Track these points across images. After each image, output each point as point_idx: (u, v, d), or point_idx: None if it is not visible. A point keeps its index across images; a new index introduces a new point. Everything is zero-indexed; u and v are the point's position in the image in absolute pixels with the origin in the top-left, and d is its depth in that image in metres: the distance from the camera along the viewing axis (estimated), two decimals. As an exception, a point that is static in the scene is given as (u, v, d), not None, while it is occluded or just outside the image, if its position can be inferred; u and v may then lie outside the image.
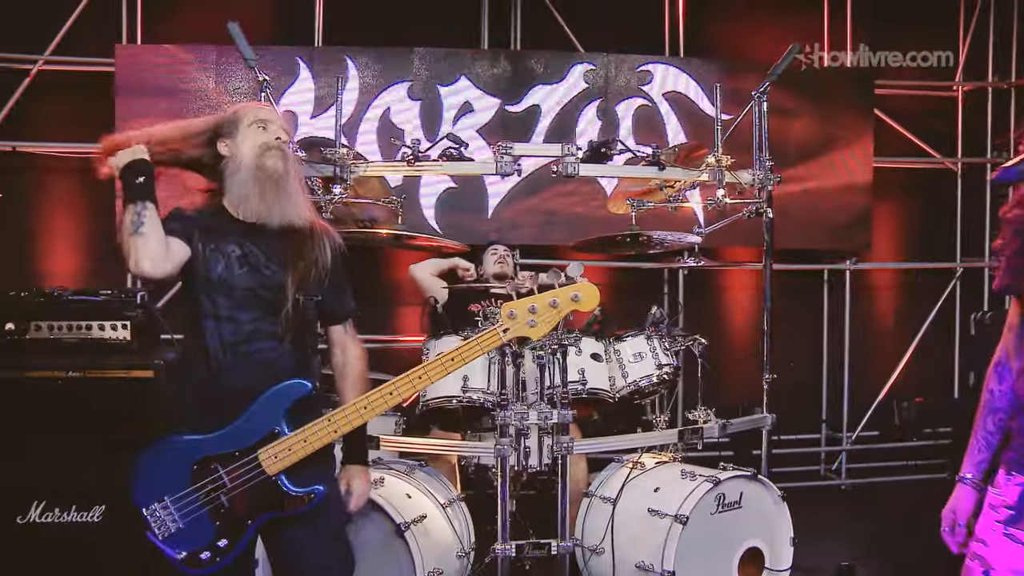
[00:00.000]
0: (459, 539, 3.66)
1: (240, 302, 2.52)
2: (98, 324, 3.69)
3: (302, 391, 2.49)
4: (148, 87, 5.31)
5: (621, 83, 5.73)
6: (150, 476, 2.50)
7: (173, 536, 2.47)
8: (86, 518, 3.60)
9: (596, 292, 2.50)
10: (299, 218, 2.58)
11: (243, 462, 2.44)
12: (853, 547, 4.71)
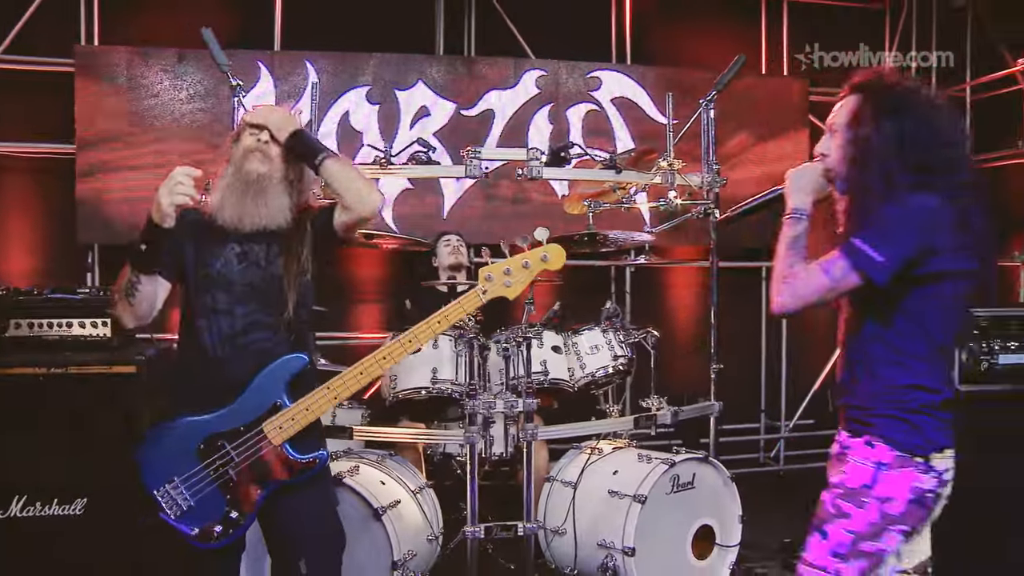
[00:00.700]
0: (429, 524, 3.85)
1: (239, 296, 2.65)
2: (78, 321, 3.74)
3: (300, 364, 2.64)
4: (108, 88, 5.34)
5: (571, 88, 5.94)
6: (156, 459, 2.63)
7: (185, 514, 2.61)
8: (68, 511, 3.64)
9: (562, 252, 2.66)
10: (276, 222, 2.67)
11: (249, 436, 2.59)
12: (792, 526, 4.96)
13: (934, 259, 2.18)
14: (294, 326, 2.70)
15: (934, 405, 2.23)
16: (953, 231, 2.19)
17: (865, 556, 2.23)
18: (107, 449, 3.61)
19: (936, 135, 2.23)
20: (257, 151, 2.67)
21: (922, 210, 2.18)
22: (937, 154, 2.22)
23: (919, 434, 2.22)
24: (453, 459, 4.32)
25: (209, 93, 5.47)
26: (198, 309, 2.67)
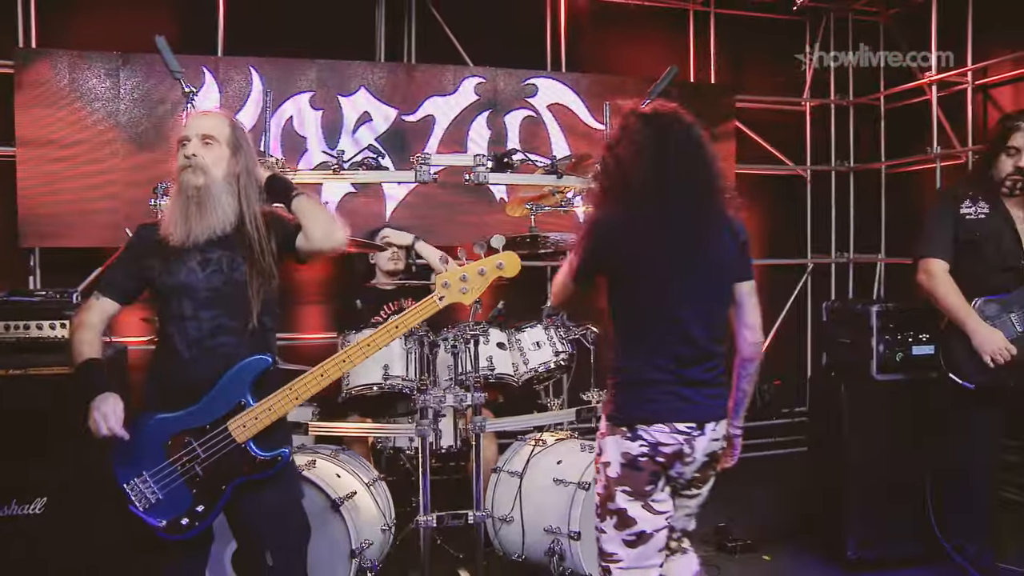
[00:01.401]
0: (383, 514, 4.02)
1: (204, 303, 2.76)
2: (36, 324, 3.78)
3: (263, 365, 2.77)
4: (50, 91, 5.32)
5: (509, 95, 6.13)
6: (126, 453, 2.73)
7: (153, 507, 2.71)
8: (28, 511, 3.67)
9: (517, 260, 2.78)
10: (224, 226, 2.78)
11: (214, 434, 2.70)
12: (727, 511, 5.24)
13: (613, 263, 2.66)
14: (258, 331, 2.82)
15: (636, 383, 2.65)
16: (636, 241, 2.61)
17: (612, 514, 2.68)
18: (66, 449, 3.65)
19: (640, 159, 2.62)
20: (188, 167, 2.77)
21: (599, 223, 2.69)
22: (635, 175, 2.62)
23: (622, 407, 2.68)
24: (402, 453, 4.47)
25: (153, 97, 5.48)
26: (167, 316, 2.79)
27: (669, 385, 2.62)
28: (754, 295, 2.84)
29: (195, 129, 2.83)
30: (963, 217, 3.87)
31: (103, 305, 2.85)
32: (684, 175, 2.62)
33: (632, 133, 2.68)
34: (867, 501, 4.43)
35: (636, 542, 2.67)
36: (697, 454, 2.65)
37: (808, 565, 4.61)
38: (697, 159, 2.68)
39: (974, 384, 3.78)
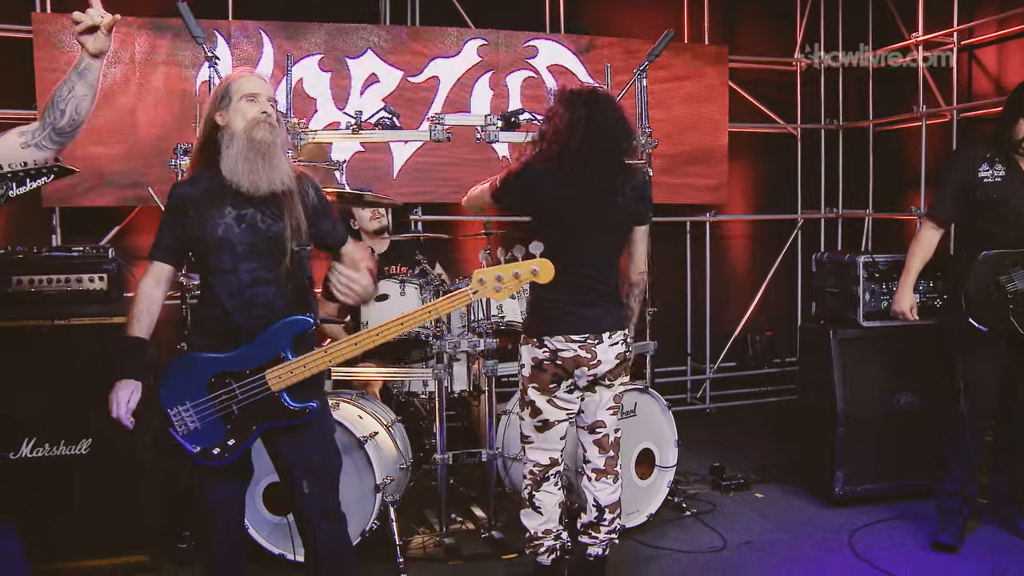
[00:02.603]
0: (401, 454, 4.26)
1: (242, 256, 2.93)
2: (76, 277, 3.99)
3: (306, 326, 2.98)
4: (68, 56, 5.47)
5: (510, 57, 6.31)
6: (174, 383, 2.96)
7: (191, 434, 2.94)
8: (74, 451, 3.89)
9: (551, 267, 2.93)
10: (284, 183, 2.95)
11: (253, 379, 2.91)
12: (721, 455, 5.58)
13: (533, 204, 3.42)
14: (296, 283, 3.03)
15: (544, 305, 3.44)
16: (557, 191, 3.34)
17: (526, 405, 3.56)
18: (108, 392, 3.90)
19: (573, 130, 3.29)
20: (264, 122, 2.93)
21: (532, 167, 3.41)
22: (568, 143, 3.29)
23: (533, 324, 3.50)
24: (416, 397, 4.73)
25: (166, 60, 5.66)
26: (209, 269, 2.98)
27: (568, 307, 3.40)
28: (645, 236, 3.64)
29: (264, 90, 2.98)
30: (981, 180, 4.03)
31: (156, 269, 3.03)
32: (603, 144, 3.31)
33: (569, 106, 3.34)
34: (853, 441, 4.70)
35: (543, 428, 3.54)
36: (603, 356, 3.41)
37: (797, 501, 4.90)
38: (616, 131, 3.35)
39: (987, 328, 4.00)
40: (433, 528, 4.42)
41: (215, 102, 2.98)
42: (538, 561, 3.63)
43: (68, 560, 3.90)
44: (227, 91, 2.96)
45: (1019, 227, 3.99)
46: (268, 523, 3.93)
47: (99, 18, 2.63)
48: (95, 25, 2.63)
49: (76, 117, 2.73)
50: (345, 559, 3.18)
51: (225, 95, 2.95)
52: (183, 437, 2.96)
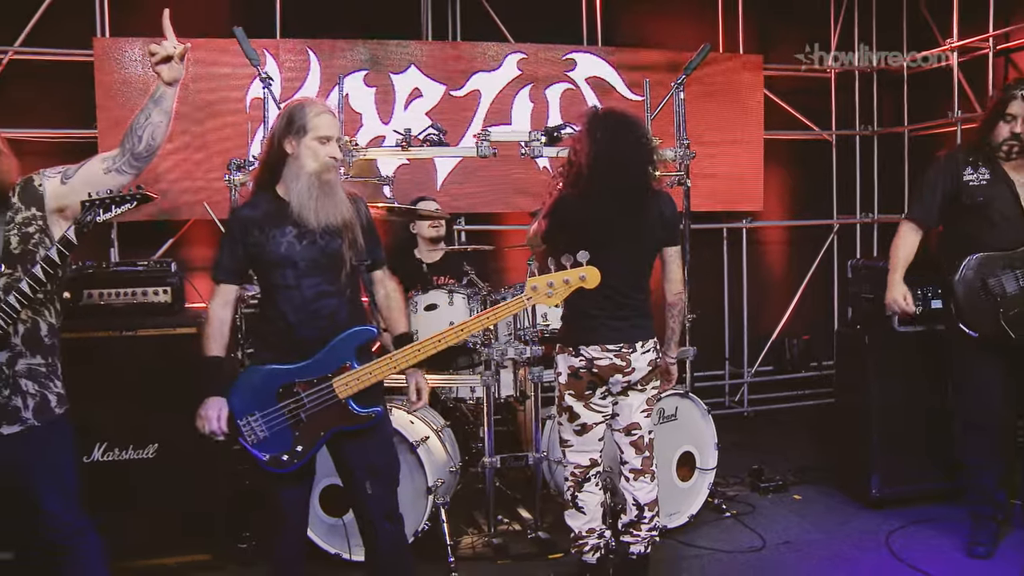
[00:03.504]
0: (451, 457, 4.44)
1: (304, 272, 3.10)
2: (142, 290, 4.21)
3: (370, 335, 3.16)
4: (125, 77, 5.74)
5: (549, 70, 6.48)
6: (244, 394, 3.13)
7: (260, 442, 3.11)
8: (142, 455, 4.12)
9: (598, 273, 3.09)
10: (344, 215, 3.12)
11: (320, 388, 3.09)
12: (759, 457, 5.69)
13: (566, 231, 3.57)
14: (353, 291, 3.21)
15: (580, 316, 3.63)
16: (584, 216, 3.51)
17: (564, 411, 3.73)
18: (173, 400, 4.08)
19: (593, 156, 3.47)
20: (334, 167, 3.12)
21: (559, 202, 3.60)
22: (588, 169, 3.47)
23: (569, 333, 3.72)
24: (463, 403, 4.90)
25: (215, 78, 5.91)
26: (273, 285, 3.14)
27: (602, 319, 3.60)
28: (677, 257, 3.78)
29: (336, 132, 3.14)
30: (966, 184, 4.12)
31: (223, 291, 3.21)
32: (624, 168, 3.49)
33: (589, 133, 3.52)
34: (890, 444, 4.81)
35: (581, 431, 3.71)
36: (636, 364, 3.61)
37: (835, 502, 5.00)
38: (637, 154, 3.52)
39: (978, 333, 4.08)
40: (481, 529, 4.60)
41: (287, 128, 3.09)
42: (583, 560, 3.78)
43: (136, 558, 4.09)
44: (303, 125, 3.07)
45: (1006, 229, 4.06)
46: (324, 524, 4.12)
47: (172, 49, 2.82)
48: (169, 55, 2.82)
49: (152, 143, 2.91)
50: (404, 557, 3.36)
51: (301, 128, 3.07)
52: (253, 446, 3.13)
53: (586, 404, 3.68)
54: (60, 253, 2.71)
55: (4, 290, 2.75)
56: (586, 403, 3.68)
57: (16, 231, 2.81)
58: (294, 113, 3.10)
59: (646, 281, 3.72)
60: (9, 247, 2.79)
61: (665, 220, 3.68)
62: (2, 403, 2.80)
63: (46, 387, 2.90)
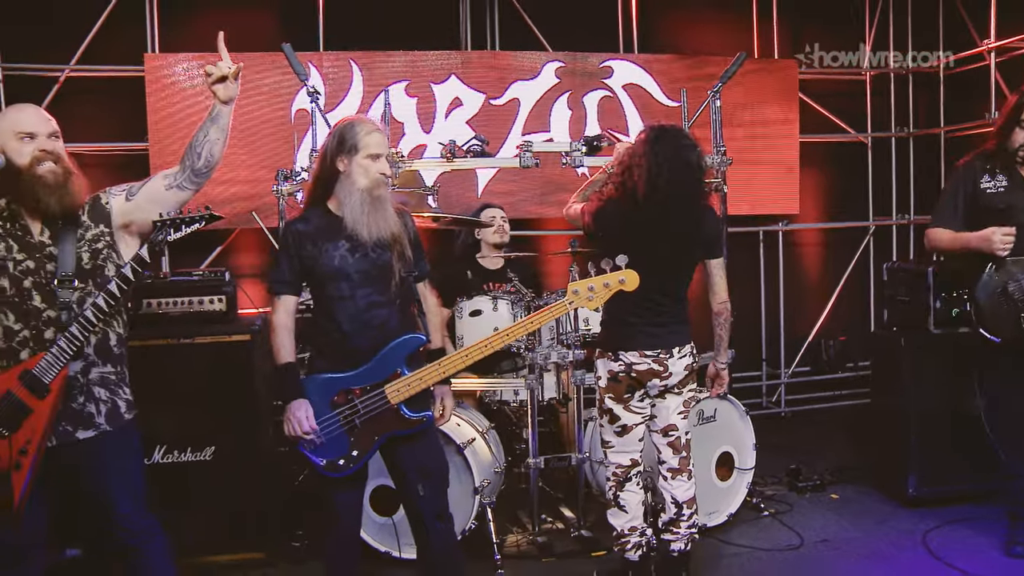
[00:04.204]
0: (496, 458, 4.58)
1: (357, 283, 3.25)
2: (197, 299, 4.38)
3: (419, 343, 3.31)
4: (176, 92, 5.95)
5: (587, 77, 6.59)
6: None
7: (318, 448, 3.26)
8: (199, 457, 4.29)
9: (637, 277, 3.22)
10: (393, 228, 3.28)
11: (373, 395, 3.24)
12: (797, 457, 5.77)
13: (611, 237, 3.68)
14: (403, 301, 3.36)
15: (619, 323, 3.78)
16: (632, 228, 3.65)
17: (605, 413, 3.90)
18: (228, 404, 4.29)
19: (647, 174, 3.59)
20: (384, 182, 3.27)
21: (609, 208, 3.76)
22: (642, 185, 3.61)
23: (608, 339, 3.86)
24: (507, 406, 5.03)
25: (262, 91, 6.10)
26: (327, 296, 3.28)
27: (641, 326, 3.75)
28: (720, 269, 3.92)
29: (385, 148, 3.29)
30: (983, 191, 4.17)
31: (284, 302, 3.34)
32: (676, 187, 3.60)
33: (649, 152, 3.63)
34: (926, 444, 4.88)
35: (622, 432, 3.87)
36: (673, 368, 3.76)
37: (872, 502, 5.08)
38: (688, 173, 3.65)
39: (1000, 339, 4.13)
40: (526, 528, 4.73)
41: (339, 147, 3.24)
42: (626, 557, 3.90)
43: (193, 556, 4.24)
44: (355, 144, 3.22)
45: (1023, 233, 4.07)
46: (375, 523, 4.27)
47: (227, 69, 2.98)
48: (225, 75, 2.98)
49: (211, 159, 3.08)
50: (454, 555, 3.51)
51: (352, 146, 3.22)
52: (310, 451, 3.28)
53: (625, 407, 3.83)
54: (134, 270, 2.87)
55: (78, 303, 2.92)
56: (625, 406, 3.83)
57: (87, 248, 2.97)
58: (345, 132, 3.25)
59: (685, 291, 3.87)
60: (81, 263, 2.95)
61: (707, 235, 3.82)
62: (77, 410, 2.95)
63: (116, 394, 3.06)
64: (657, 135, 3.67)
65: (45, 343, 2.87)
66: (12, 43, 5.98)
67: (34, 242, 2.92)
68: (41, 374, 2.81)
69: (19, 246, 2.90)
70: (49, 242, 2.93)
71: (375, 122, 3.33)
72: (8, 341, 2.87)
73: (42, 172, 2.87)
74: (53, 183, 2.88)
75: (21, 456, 2.82)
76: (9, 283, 2.87)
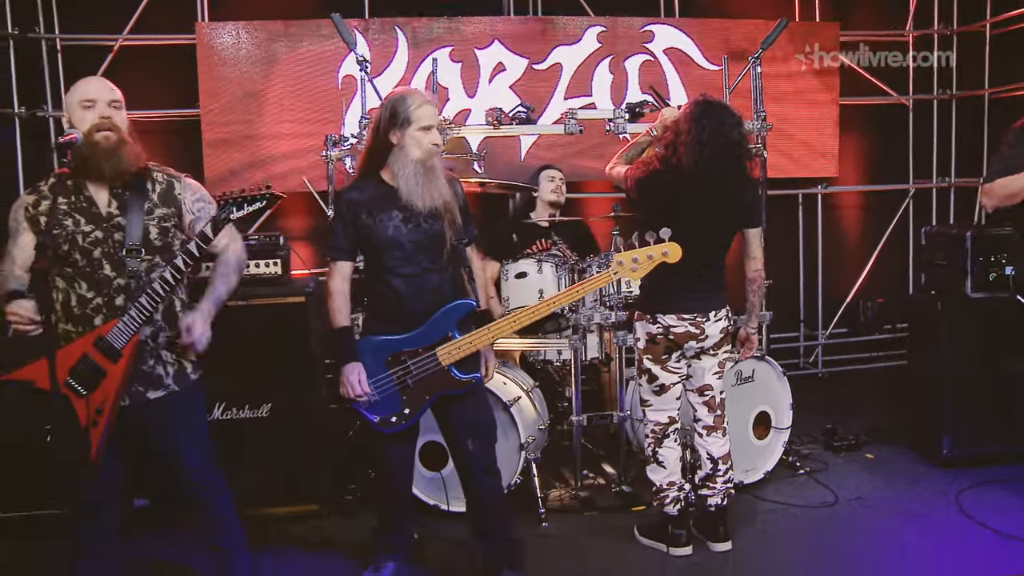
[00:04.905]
0: (540, 416, 4.75)
1: (411, 252, 3.40)
2: (254, 263, 4.52)
3: (469, 308, 3.47)
4: (226, 59, 6.14)
5: (628, 42, 6.65)
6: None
7: (372, 406, 3.45)
8: (256, 414, 4.48)
9: (679, 249, 3.35)
10: (445, 195, 3.41)
11: (425, 356, 3.41)
12: (833, 417, 5.87)
13: (653, 206, 3.89)
14: (454, 267, 3.52)
15: (658, 287, 3.90)
16: (675, 198, 3.81)
17: (644, 373, 4.07)
18: (284, 363, 4.46)
19: (691, 147, 3.74)
20: (437, 152, 3.39)
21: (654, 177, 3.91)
22: (686, 157, 3.76)
23: (647, 301, 4.04)
24: (550, 365, 5.19)
25: (309, 58, 6.25)
26: (382, 264, 3.43)
27: (680, 291, 3.90)
28: (757, 238, 4.05)
29: (436, 119, 3.40)
30: None
31: (341, 268, 3.50)
32: (718, 162, 3.74)
33: (693, 127, 3.76)
34: (961, 406, 4.97)
35: (660, 392, 4.05)
36: (709, 331, 3.94)
37: (906, 462, 5.18)
38: (730, 149, 3.77)
39: None
40: (568, 483, 4.90)
41: (391, 120, 3.34)
42: (665, 511, 4.07)
43: (249, 508, 4.37)
44: (407, 116, 3.32)
45: None
46: (424, 478, 4.45)
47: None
48: None
49: None
50: (503, 507, 3.70)
51: (405, 119, 3.32)
52: (365, 409, 3.47)
53: (663, 367, 4.01)
54: (198, 247, 3.03)
55: (146, 272, 3.10)
56: (663, 366, 4.01)
57: (156, 224, 3.14)
58: (397, 106, 3.35)
59: (723, 258, 4.02)
60: (149, 236, 3.12)
61: (745, 206, 3.97)
62: (147, 372, 3.15)
63: (183, 355, 3.26)
64: (702, 110, 3.78)
65: (116, 309, 3.06)
66: (69, 14, 6.19)
67: (101, 213, 3.08)
68: (114, 340, 3.01)
69: (86, 218, 3.07)
70: (117, 212, 3.09)
71: (425, 94, 3.43)
72: (82, 308, 3.06)
73: (98, 138, 3.00)
74: (106, 148, 3.01)
75: (98, 415, 3.02)
76: (80, 255, 3.04)
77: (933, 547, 4.07)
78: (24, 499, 4.40)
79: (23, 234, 3.08)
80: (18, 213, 3.10)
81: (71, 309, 3.07)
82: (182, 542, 4.21)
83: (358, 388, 3.39)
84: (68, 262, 3.05)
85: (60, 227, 3.03)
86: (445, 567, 4.03)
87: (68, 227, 3.04)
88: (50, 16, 6.17)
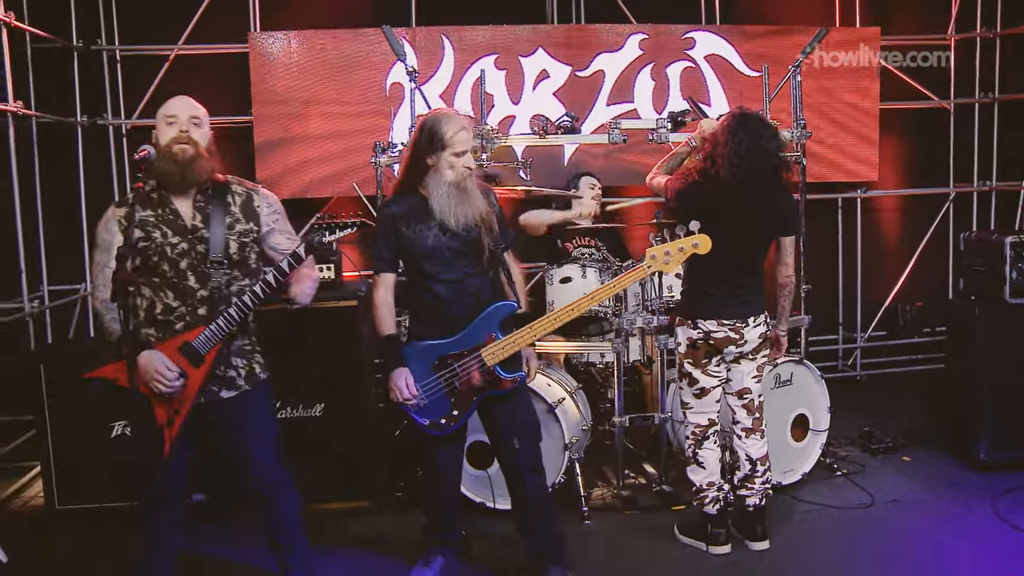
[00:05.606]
0: (583, 417, 4.88)
1: (451, 260, 3.54)
2: (311, 268, 4.74)
3: (511, 310, 3.60)
4: (277, 67, 6.36)
5: (669, 49, 6.75)
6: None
7: (421, 409, 3.58)
8: (311, 413, 4.67)
9: (709, 241, 3.51)
10: (481, 212, 3.52)
11: (470, 358, 3.54)
12: (871, 420, 5.93)
13: (691, 216, 3.73)
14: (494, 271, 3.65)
15: (698, 293, 4.09)
16: (712, 207, 3.87)
17: (684, 376, 4.20)
18: (337, 364, 4.65)
19: (728, 157, 3.86)
20: (470, 176, 3.52)
21: (692, 188, 4.03)
22: (723, 168, 3.88)
23: (688, 307, 4.16)
24: (593, 367, 5.33)
25: (362, 64, 6.45)
26: (424, 271, 3.57)
27: (718, 297, 4.04)
28: (791, 245, 4.17)
29: (470, 144, 3.52)
30: None
31: (385, 280, 3.64)
32: (754, 174, 3.86)
33: (730, 140, 3.88)
34: (999, 410, 5.03)
35: (700, 395, 4.18)
36: (748, 336, 4.04)
37: (943, 465, 5.24)
38: (767, 161, 3.89)
39: None
40: (610, 482, 5.03)
41: (429, 144, 3.47)
42: (704, 511, 4.20)
43: (305, 504, 4.56)
44: (442, 141, 3.45)
45: None
46: (471, 476, 4.59)
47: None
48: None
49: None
50: (548, 505, 3.83)
51: (440, 144, 3.45)
52: (415, 413, 3.61)
53: (703, 371, 4.14)
54: (290, 264, 3.23)
55: (226, 285, 3.29)
56: (703, 370, 4.14)
57: (236, 239, 3.32)
58: (434, 131, 3.47)
59: (760, 264, 4.15)
60: (229, 250, 3.30)
61: (783, 214, 4.10)
62: (220, 375, 3.34)
63: (251, 359, 3.45)
64: (739, 123, 3.90)
65: (199, 318, 3.24)
66: (126, 25, 6.43)
67: (186, 225, 3.26)
68: (200, 346, 3.21)
69: (172, 230, 3.25)
70: (201, 225, 3.27)
71: (461, 119, 3.53)
72: (167, 316, 3.25)
73: (175, 150, 3.18)
74: (180, 159, 3.18)
75: (175, 415, 3.22)
76: (168, 266, 3.23)
77: (969, 550, 4.14)
78: (94, 492, 4.64)
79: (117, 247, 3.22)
80: (111, 225, 3.27)
81: (155, 316, 3.26)
82: (236, 538, 4.41)
83: (406, 392, 3.53)
84: (156, 272, 3.23)
85: (149, 239, 3.21)
86: (492, 563, 4.17)
87: (157, 239, 3.22)
88: (111, 28, 6.42)
